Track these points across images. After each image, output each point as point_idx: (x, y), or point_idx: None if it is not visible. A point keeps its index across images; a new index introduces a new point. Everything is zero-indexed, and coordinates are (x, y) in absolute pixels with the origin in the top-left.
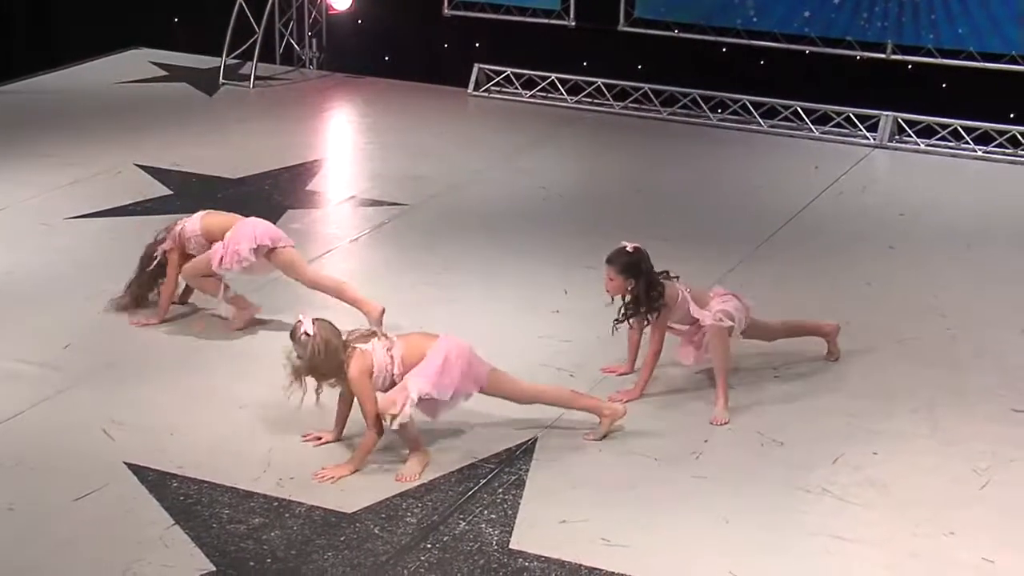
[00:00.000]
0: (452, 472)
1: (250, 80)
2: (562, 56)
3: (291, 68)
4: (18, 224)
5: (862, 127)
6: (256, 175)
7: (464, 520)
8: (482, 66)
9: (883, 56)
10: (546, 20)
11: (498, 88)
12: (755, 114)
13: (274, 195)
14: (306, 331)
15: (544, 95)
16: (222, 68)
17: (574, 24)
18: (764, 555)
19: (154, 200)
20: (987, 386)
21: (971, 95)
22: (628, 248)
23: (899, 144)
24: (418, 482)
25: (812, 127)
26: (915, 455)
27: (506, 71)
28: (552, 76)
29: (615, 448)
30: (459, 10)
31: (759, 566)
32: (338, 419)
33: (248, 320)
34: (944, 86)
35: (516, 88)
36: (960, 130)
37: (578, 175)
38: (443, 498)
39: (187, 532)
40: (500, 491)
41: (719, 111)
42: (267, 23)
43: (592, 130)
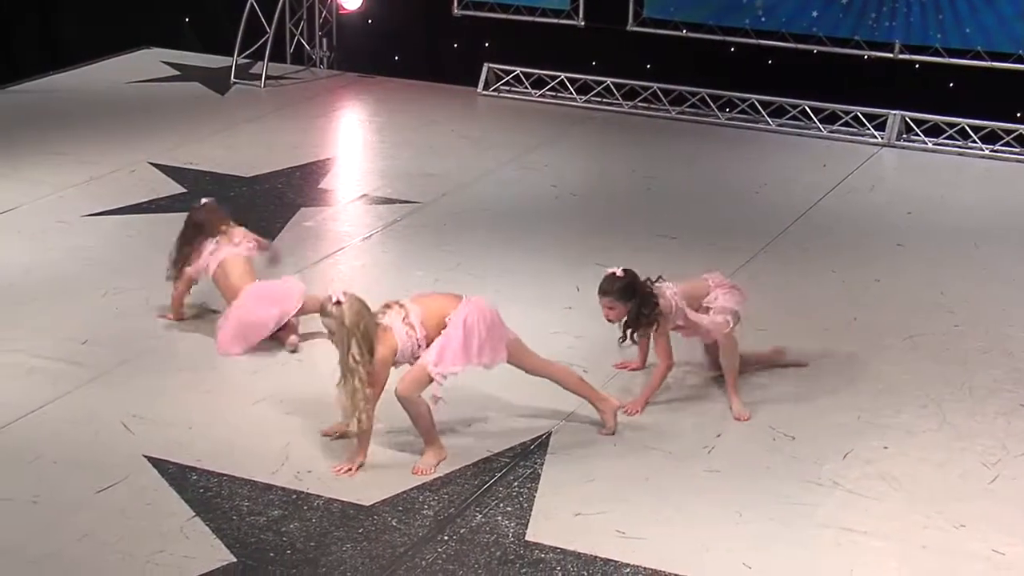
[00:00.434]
0: (468, 466)
1: (261, 79)
2: (571, 56)
3: (302, 67)
4: (36, 222)
5: (870, 126)
6: (269, 173)
7: (480, 513)
8: (492, 65)
9: (891, 55)
10: (555, 20)
11: (508, 87)
12: (763, 113)
13: (287, 193)
14: (337, 299)
15: (553, 94)
16: (233, 67)
17: (583, 24)
18: (776, 547)
19: (169, 198)
20: (995, 381)
21: (978, 94)
22: (618, 273)
23: (907, 143)
24: (434, 475)
25: (820, 126)
26: (925, 450)
27: (515, 70)
28: (561, 75)
29: (629, 443)
30: (469, 10)
31: (772, 558)
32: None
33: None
34: (951, 85)
35: (526, 87)
36: (967, 129)
37: (588, 173)
38: (459, 491)
39: (208, 524)
40: (515, 484)
41: (727, 110)
42: (278, 23)
43: (601, 129)
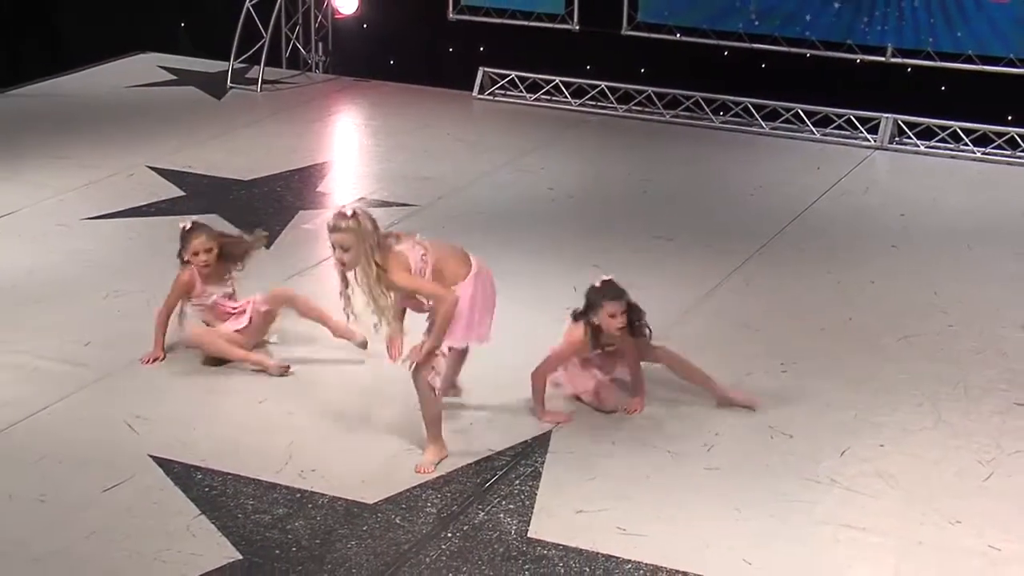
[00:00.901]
0: (469, 464)
1: (258, 84)
2: (566, 60)
3: (297, 72)
4: (36, 224)
5: (863, 129)
6: (267, 177)
7: (483, 510)
8: (487, 70)
9: (883, 59)
10: (550, 24)
11: (503, 91)
12: (757, 116)
13: (286, 196)
14: (353, 211)
15: (548, 98)
16: (230, 72)
17: (578, 28)
18: (776, 543)
19: (167, 201)
20: (989, 381)
21: (970, 98)
22: (610, 279)
23: (900, 146)
24: (436, 474)
25: (813, 129)
26: (921, 447)
27: (511, 74)
28: (556, 79)
29: (629, 441)
30: (464, 14)
31: (771, 554)
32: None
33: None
34: (943, 89)
35: (521, 91)
36: (959, 132)
37: (584, 176)
38: (461, 489)
39: (213, 522)
40: (517, 482)
41: (721, 114)
42: (274, 27)
43: (596, 133)
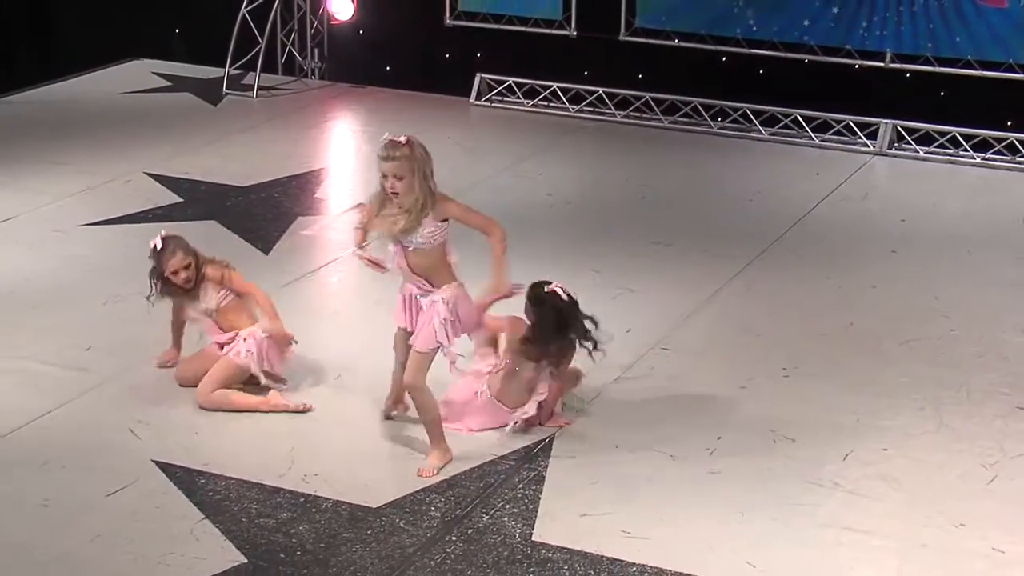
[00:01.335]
0: (473, 468)
1: (253, 90)
2: (564, 66)
3: (293, 78)
4: (34, 231)
5: (862, 135)
6: (264, 183)
7: (487, 514)
8: (484, 76)
9: (882, 64)
10: (548, 30)
11: (500, 97)
12: (755, 122)
13: (284, 202)
14: (407, 138)
15: (546, 104)
16: (225, 78)
17: (575, 34)
18: (779, 546)
19: (165, 207)
20: (991, 385)
21: (969, 103)
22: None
23: (898, 151)
24: (439, 478)
25: (812, 135)
26: (924, 451)
27: (508, 80)
28: (554, 85)
29: (631, 445)
30: (461, 20)
31: (775, 556)
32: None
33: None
34: (942, 94)
35: (518, 97)
36: (958, 137)
37: (582, 182)
38: (465, 493)
39: (217, 526)
40: (520, 486)
41: (719, 119)
42: (269, 34)
43: (594, 139)
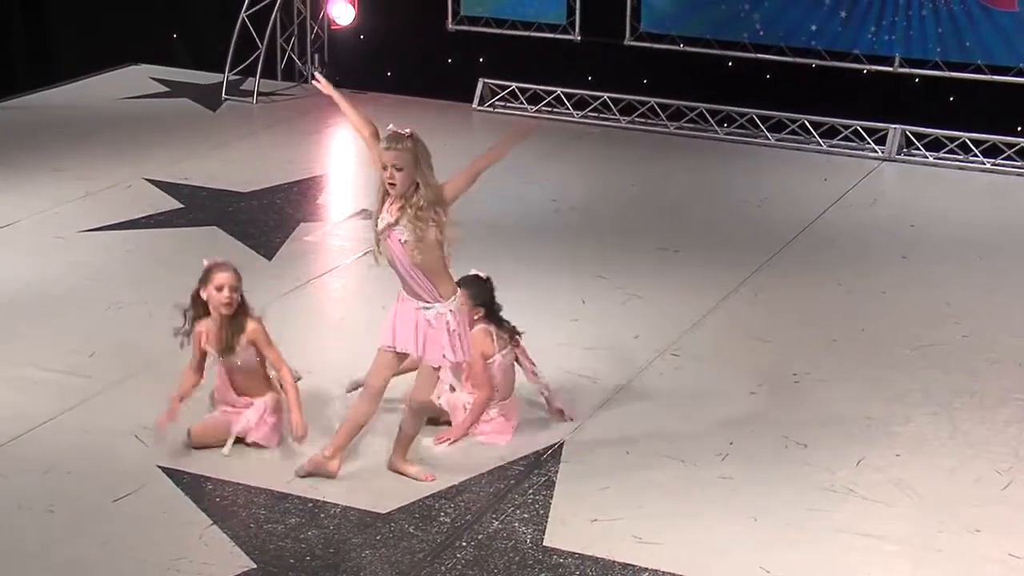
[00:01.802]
0: (482, 474)
1: (253, 96)
2: (568, 70)
3: (293, 84)
4: (34, 237)
5: (870, 140)
6: (266, 189)
7: (497, 519)
8: (487, 81)
9: (890, 69)
10: (551, 35)
11: (503, 103)
12: (762, 128)
13: (286, 208)
14: (410, 131)
15: (550, 110)
16: (224, 84)
17: (580, 38)
18: (793, 551)
19: (166, 213)
20: (1004, 390)
21: (979, 108)
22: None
23: (907, 157)
24: (448, 484)
25: (820, 140)
26: (937, 457)
27: (511, 86)
28: (558, 91)
29: (642, 451)
30: (463, 24)
31: (788, 561)
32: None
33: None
34: (952, 99)
35: (521, 103)
36: (968, 143)
37: (588, 188)
38: (475, 498)
39: (226, 532)
40: (531, 492)
41: (725, 125)
42: (269, 39)
43: (599, 144)
